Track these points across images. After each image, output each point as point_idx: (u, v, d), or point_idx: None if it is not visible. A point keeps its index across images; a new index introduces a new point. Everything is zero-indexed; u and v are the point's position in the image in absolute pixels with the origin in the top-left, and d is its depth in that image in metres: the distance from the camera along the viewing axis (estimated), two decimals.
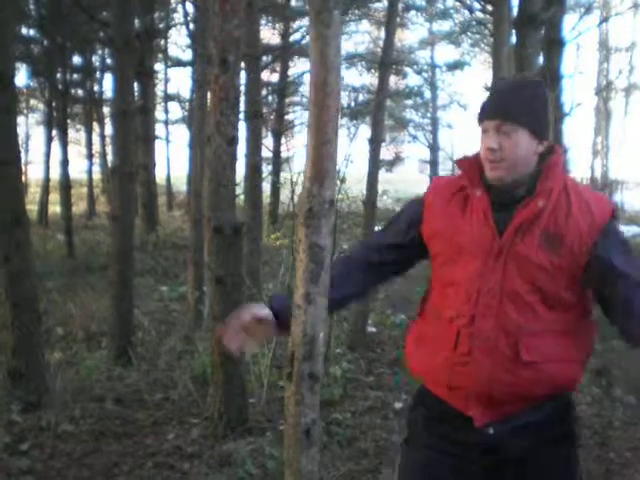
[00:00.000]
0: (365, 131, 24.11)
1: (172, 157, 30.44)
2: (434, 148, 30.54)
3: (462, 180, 2.45)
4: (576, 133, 32.31)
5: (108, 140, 25.47)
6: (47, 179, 22.41)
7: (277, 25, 22.19)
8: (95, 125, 26.67)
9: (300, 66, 24.03)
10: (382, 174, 10.70)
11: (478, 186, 2.39)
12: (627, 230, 17.49)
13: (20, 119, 27.61)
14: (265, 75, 21.71)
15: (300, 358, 2.25)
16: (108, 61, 21.66)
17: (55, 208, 23.54)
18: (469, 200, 2.41)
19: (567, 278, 2.30)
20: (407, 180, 36.48)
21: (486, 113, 2.36)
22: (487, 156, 2.33)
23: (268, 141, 22.18)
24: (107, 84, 24.51)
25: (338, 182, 7.26)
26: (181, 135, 37.48)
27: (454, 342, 2.34)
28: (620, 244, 2.33)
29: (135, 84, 14.35)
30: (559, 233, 2.27)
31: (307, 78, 24.20)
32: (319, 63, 2.13)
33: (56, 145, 19.22)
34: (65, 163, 16.94)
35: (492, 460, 2.40)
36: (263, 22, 19.37)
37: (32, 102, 28.49)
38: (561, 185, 2.33)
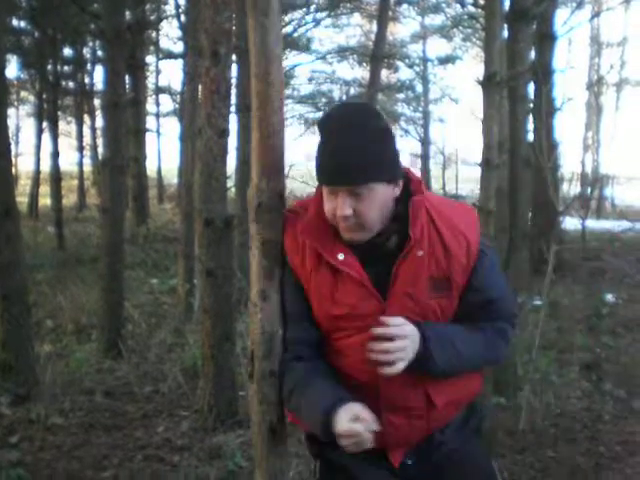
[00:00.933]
0: None
1: (163, 150, 30.56)
2: (425, 142, 30.49)
3: (314, 244, 2.17)
4: (567, 128, 32.32)
5: (99, 132, 25.43)
6: (37, 171, 22.34)
7: None
8: (86, 117, 26.62)
9: (291, 59, 23.90)
10: None
11: (338, 249, 2.14)
12: (617, 225, 17.53)
13: (10, 111, 27.51)
14: None
15: (260, 356, 2.21)
16: (99, 53, 21.58)
17: (45, 200, 23.47)
18: (333, 266, 2.15)
19: (457, 305, 2.26)
20: None
21: (331, 179, 2.07)
22: (340, 221, 2.08)
23: None
24: (98, 76, 24.43)
25: None
26: (172, 128, 37.25)
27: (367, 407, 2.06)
28: (492, 268, 2.28)
29: (126, 76, 14.29)
30: (444, 276, 2.17)
31: (298, 71, 24.19)
32: (259, 53, 2.09)
33: (47, 137, 19.15)
34: (55, 155, 16.88)
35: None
36: None
37: (22, 94, 28.38)
38: (425, 218, 2.16)
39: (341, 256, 2.12)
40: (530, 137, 7.67)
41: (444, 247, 2.16)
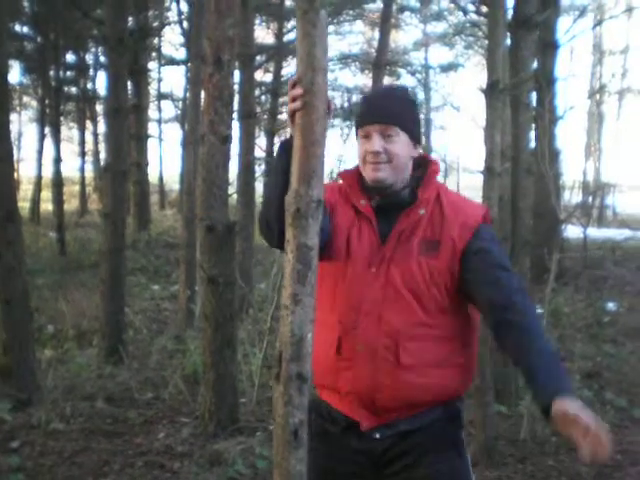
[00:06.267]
0: None
1: (165, 156, 30.49)
2: (427, 149, 30.54)
3: (346, 190, 2.55)
4: (569, 136, 32.29)
5: (101, 138, 25.48)
6: (39, 176, 22.39)
7: (271, 25, 22.14)
8: (88, 123, 26.63)
9: (294, 66, 24.00)
10: None
11: (361, 196, 2.49)
12: (619, 233, 17.51)
13: (13, 116, 27.46)
14: (259, 75, 21.70)
15: (288, 358, 2.24)
16: (102, 59, 21.64)
17: (47, 206, 23.48)
18: (357, 209, 2.49)
19: (447, 282, 2.38)
20: None
21: (369, 118, 2.44)
22: (370, 159, 2.42)
23: (261, 141, 22.13)
24: (100, 82, 24.65)
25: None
26: (174, 134, 37.43)
27: (336, 347, 2.40)
28: (490, 245, 2.42)
29: (128, 82, 14.33)
30: (435, 239, 2.38)
31: None
32: (306, 63, 2.12)
33: (49, 143, 19.23)
34: (57, 161, 16.92)
35: (383, 468, 2.42)
36: (257, 21, 19.33)
37: (25, 99, 28.43)
38: (435, 194, 2.45)
39: (362, 201, 2.48)
40: (532, 145, 7.67)
41: (442, 217, 2.41)
